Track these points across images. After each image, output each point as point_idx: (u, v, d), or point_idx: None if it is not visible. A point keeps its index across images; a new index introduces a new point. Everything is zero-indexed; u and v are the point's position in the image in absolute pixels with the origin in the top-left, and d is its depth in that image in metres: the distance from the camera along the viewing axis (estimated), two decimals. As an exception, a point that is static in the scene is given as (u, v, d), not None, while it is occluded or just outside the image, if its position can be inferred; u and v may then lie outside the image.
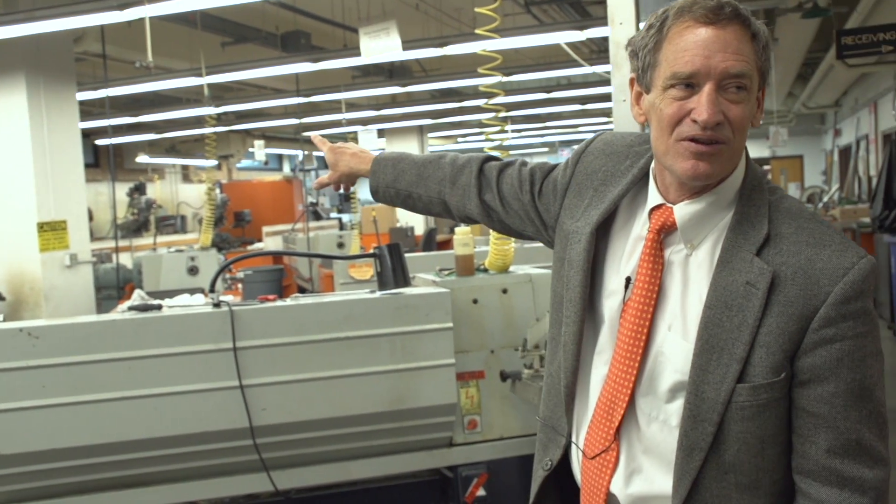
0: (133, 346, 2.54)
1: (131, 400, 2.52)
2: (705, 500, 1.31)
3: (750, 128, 1.32)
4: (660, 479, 1.35)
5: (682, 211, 1.35)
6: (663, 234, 1.38)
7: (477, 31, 3.03)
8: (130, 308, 2.68)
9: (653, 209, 1.39)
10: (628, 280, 1.40)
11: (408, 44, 7.19)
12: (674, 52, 1.28)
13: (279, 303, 2.74)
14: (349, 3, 7.95)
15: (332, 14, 8.25)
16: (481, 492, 2.87)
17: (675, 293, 1.36)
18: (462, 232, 3.13)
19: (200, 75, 7.19)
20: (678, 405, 1.33)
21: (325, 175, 1.98)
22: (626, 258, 1.43)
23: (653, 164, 1.42)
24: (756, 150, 18.94)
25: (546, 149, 23.42)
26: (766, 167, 21.66)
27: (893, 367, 6.99)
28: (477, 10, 3.00)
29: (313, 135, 2.06)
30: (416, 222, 13.33)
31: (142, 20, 5.10)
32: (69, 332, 2.52)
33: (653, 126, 1.35)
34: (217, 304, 2.64)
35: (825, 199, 14.03)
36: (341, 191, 2.01)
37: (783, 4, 7.27)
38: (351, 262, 4.39)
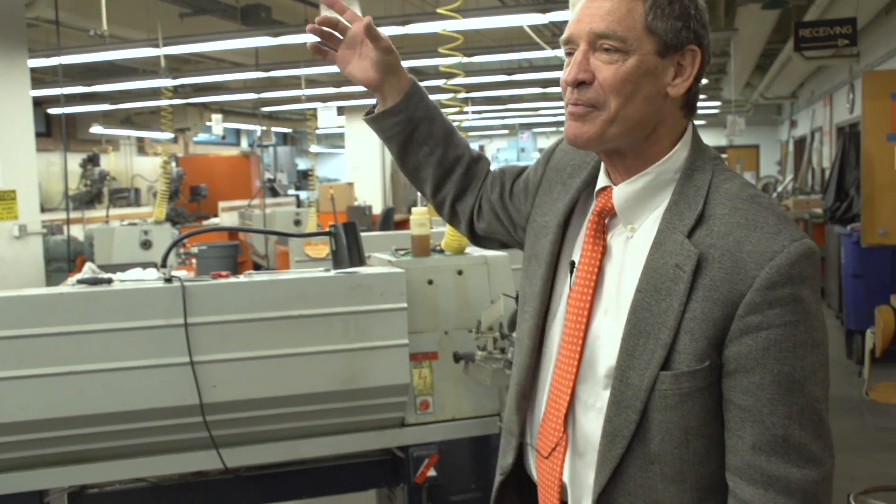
0: (82, 320, 2.49)
1: (79, 375, 2.48)
2: (629, 489, 1.28)
3: (665, 96, 1.29)
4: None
5: (620, 192, 1.34)
6: (606, 217, 1.36)
7: (439, 11, 3.01)
8: (80, 281, 2.64)
9: (598, 192, 1.39)
10: (573, 265, 1.39)
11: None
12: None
13: (232, 279, 2.71)
14: (311, -23, 7.87)
15: (293, -12, 8.17)
16: (432, 472, 2.88)
17: (612, 277, 1.34)
18: (418, 212, 3.12)
19: (157, 46, 7.06)
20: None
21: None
22: (578, 245, 1.42)
23: None
24: (713, 138, 19.19)
25: (506, 131, 23.44)
26: (724, 155, 21.94)
27: (839, 356, 7.15)
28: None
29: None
30: (374, 201, 13.29)
31: (97, -13, 4.99)
32: (16, 304, 2.46)
33: None
34: (169, 280, 2.61)
35: (779, 188, 14.25)
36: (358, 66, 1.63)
37: (744, -6, 7.35)
38: (307, 240, 4.36)
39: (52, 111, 13.57)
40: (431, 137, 1.66)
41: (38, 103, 11.64)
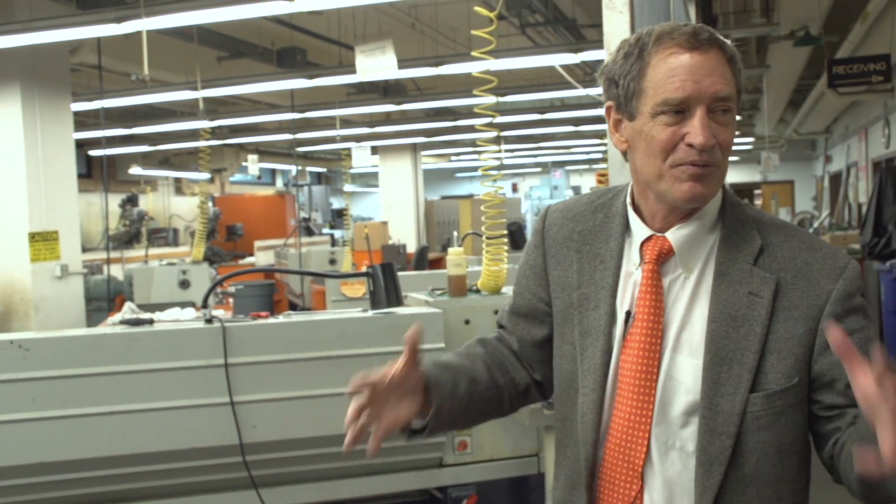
0: (124, 360, 2.53)
1: (121, 415, 2.51)
2: None
3: None
4: None
5: (676, 236, 1.36)
6: (661, 263, 1.37)
7: (473, 54, 3.05)
8: (122, 322, 2.68)
9: (644, 242, 1.39)
10: (628, 314, 1.38)
11: (403, 62, 7.23)
12: (661, 78, 1.28)
13: (271, 320, 2.74)
14: (345, 20, 7.99)
15: (328, 31, 8.29)
16: (470, 513, 2.87)
17: (675, 317, 1.35)
18: (455, 252, 3.14)
19: (196, 89, 7.20)
20: (692, 430, 1.31)
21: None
22: (619, 297, 1.40)
23: (628, 200, 1.43)
24: (747, 174, 19.07)
25: (539, 169, 23.50)
26: (758, 191, 21.77)
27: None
28: (473, 32, 3.02)
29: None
30: (408, 239, 13.35)
31: (138, 33, 5.11)
32: (60, 344, 2.51)
33: (640, 152, 1.34)
34: (209, 320, 2.64)
35: (815, 224, 14.10)
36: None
37: (775, 32, 7.35)
38: (343, 280, 4.39)
39: (92, 153, 13.83)
40: (472, 384, 1.52)
41: (80, 145, 11.90)
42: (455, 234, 3.35)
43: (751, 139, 16.81)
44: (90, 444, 2.49)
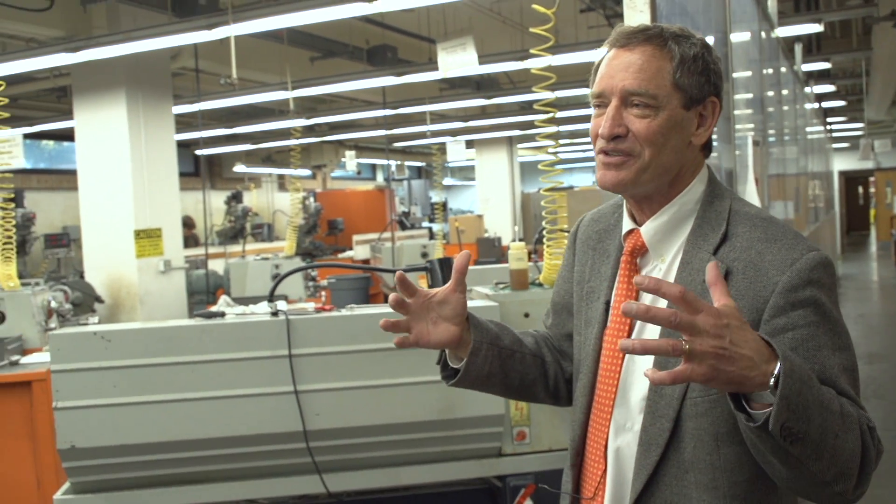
0: (196, 350, 2.70)
1: (193, 401, 2.68)
2: (665, 497, 1.34)
3: (689, 143, 1.38)
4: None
5: (647, 228, 1.42)
6: (637, 255, 1.44)
7: (531, 51, 3.10)
8: (195, 315, 2.85)
9: (625, 235, 1.47)
10: (607, 304, 1.47)
11: (490, 57, 7.30)
12: (597, 75, 1.40)
13: (333, 313, 2.86)
14: (435, 17, 8.11)
15: (418, 28, 8.43)
16: (529, 502, 2.92)
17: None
18: (516, 247, 3.20)
19: (287, 89, 7.45)
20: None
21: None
22: (613, 289, 1.50)
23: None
24: (854, 161, 18.27)
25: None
26: (871, 179, 20.84)
27: None
28: (532, 29, 3.07)
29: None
30: (503, 233, 13.41)
31: (230, 38, 5.35)
32: (138, 336, 2.70)
33: None
34: (275, 313, 2.78)
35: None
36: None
37: (875, 13, 7.08)
38: (420, 274, 4.48)
39: (198, 152, 14.44)
40: (516, 343, 1.61)
41: (187, 145, 12.44)
42: (516, 228, 3.40)
43: (860, 125, 16.13)
44: (166, 429, 2.67)
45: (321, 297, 7.25)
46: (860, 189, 25.38)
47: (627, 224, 1.47)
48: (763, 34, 5.37)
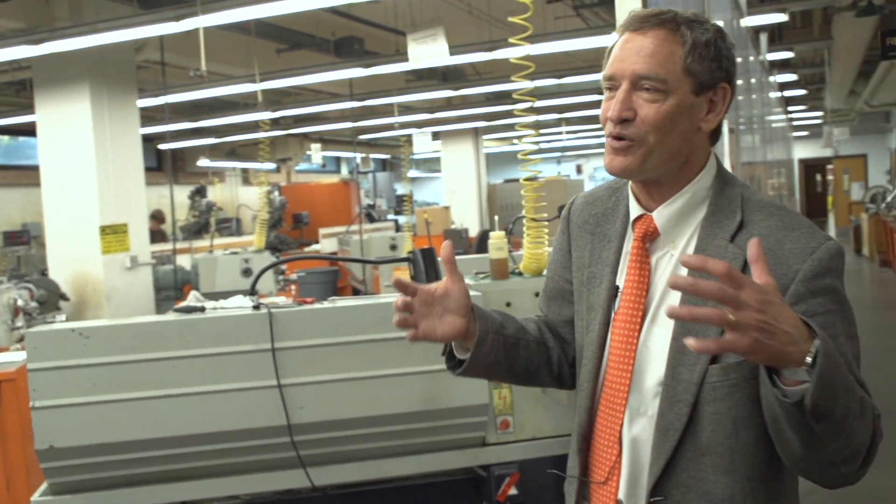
0: (177, 346, 2.66)
1: (175, 398, 2.64)
2: (682, 480, 1.35)
3: (698, 129, 1.39)
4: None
5: (660, 214, 1.43)
6: (648, 241, 1.45)
7: (510, 40, 3.08)
8: (176, 310, 2.81)
9: (635, 221, 1.46)
10: (617, 289, 1.46)
11: (459, 48, 7.28)
12: (609, 58, 1.41)
13: (316, 305, 2.84)
14: (402, 8, 8.07)
15: (384, 19, 8.39)
16: (513, 490, 2.93)
17: (658, 291, 1.42)
18: (496, 236, 3.19)
19: (255, 81, 7.37)
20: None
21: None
22: (619, 274, 1.50)
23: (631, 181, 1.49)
24: (814, 149, 18.55)
25: (602, 149, 23.28)
26: (829, 167, 21.19)
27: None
28: (511, 19, 3.05)
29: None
30: (470, 224, 13.42)
31: (198, 30, 5.28)
32: (117, 332, 2.65)
33: None
34: (257, 307, 2.75)
35: (889, 198, 13.70)
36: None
37: (837, 3, 7.17)
38: (396, 265, 4.47)
39: (162, 146, 14.24)
40: (521, 331, 1.62)
41: (150, 139, 12.26)
42: (496, 218, 3.40)
43: (819, 113, 16.37)
44: (146, 426, 2.62)
45: (291, 290, 7.20)
46: (818, 177, 25.80)
47: (635, 209, 1.47)
48: (734, 23, 5.41)
